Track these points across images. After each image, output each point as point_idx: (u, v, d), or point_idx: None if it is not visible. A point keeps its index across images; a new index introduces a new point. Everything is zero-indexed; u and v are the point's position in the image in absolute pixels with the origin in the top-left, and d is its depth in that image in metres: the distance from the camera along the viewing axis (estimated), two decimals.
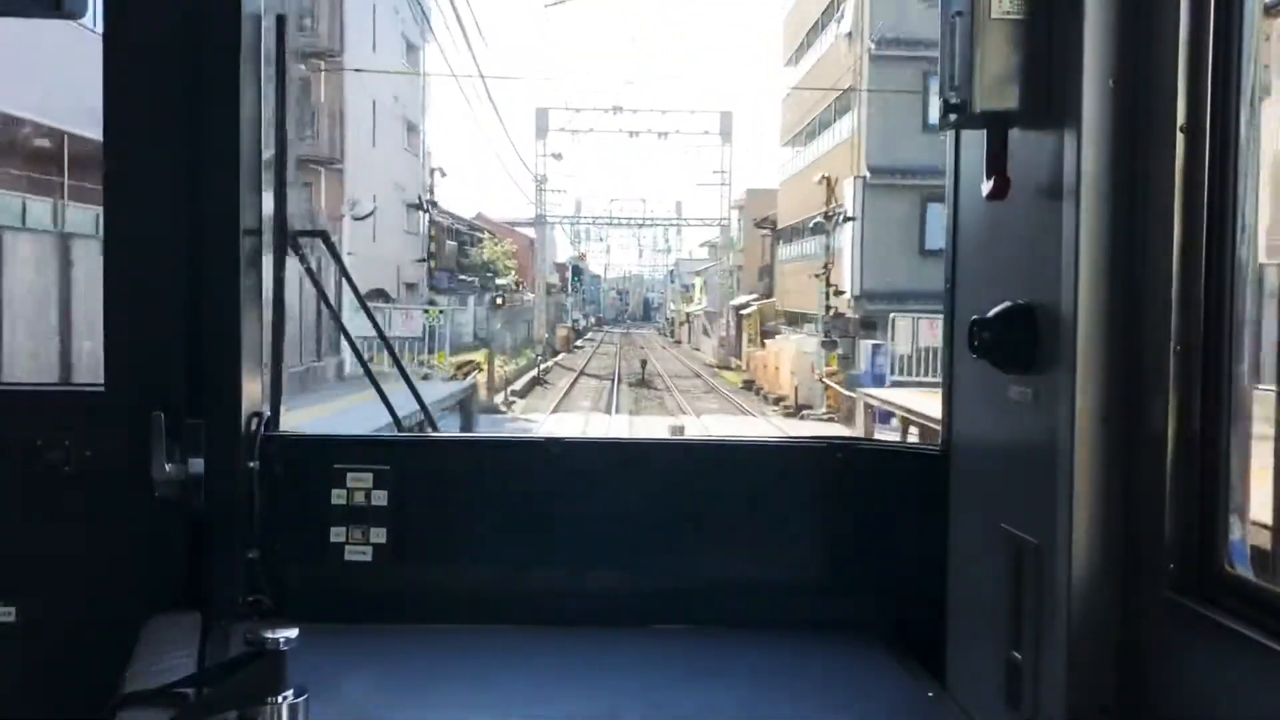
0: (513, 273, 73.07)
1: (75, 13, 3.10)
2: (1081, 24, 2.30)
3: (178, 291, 3.27)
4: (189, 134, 3.25)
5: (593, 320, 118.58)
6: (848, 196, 39.73)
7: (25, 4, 3.48)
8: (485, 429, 28.66)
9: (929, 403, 21.52)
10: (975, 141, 2.61)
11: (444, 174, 54.36)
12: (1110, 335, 2.32)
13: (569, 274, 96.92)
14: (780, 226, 56.61)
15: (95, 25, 3.34)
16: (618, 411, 40.63)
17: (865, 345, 35.28)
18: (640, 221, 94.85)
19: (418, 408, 4.19)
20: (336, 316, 4.58)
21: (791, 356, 41.08)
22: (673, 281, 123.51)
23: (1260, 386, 2.28)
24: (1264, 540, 2.28)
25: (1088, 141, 2.30)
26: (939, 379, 3.32)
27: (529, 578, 3.47)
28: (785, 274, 54.66)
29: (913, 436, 22.82)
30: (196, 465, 3.23)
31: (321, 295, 3.98)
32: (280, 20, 3.59)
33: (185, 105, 3.25)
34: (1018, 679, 2.53)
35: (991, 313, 2.56)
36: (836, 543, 3.48)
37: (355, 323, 5.28)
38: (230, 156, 3.28)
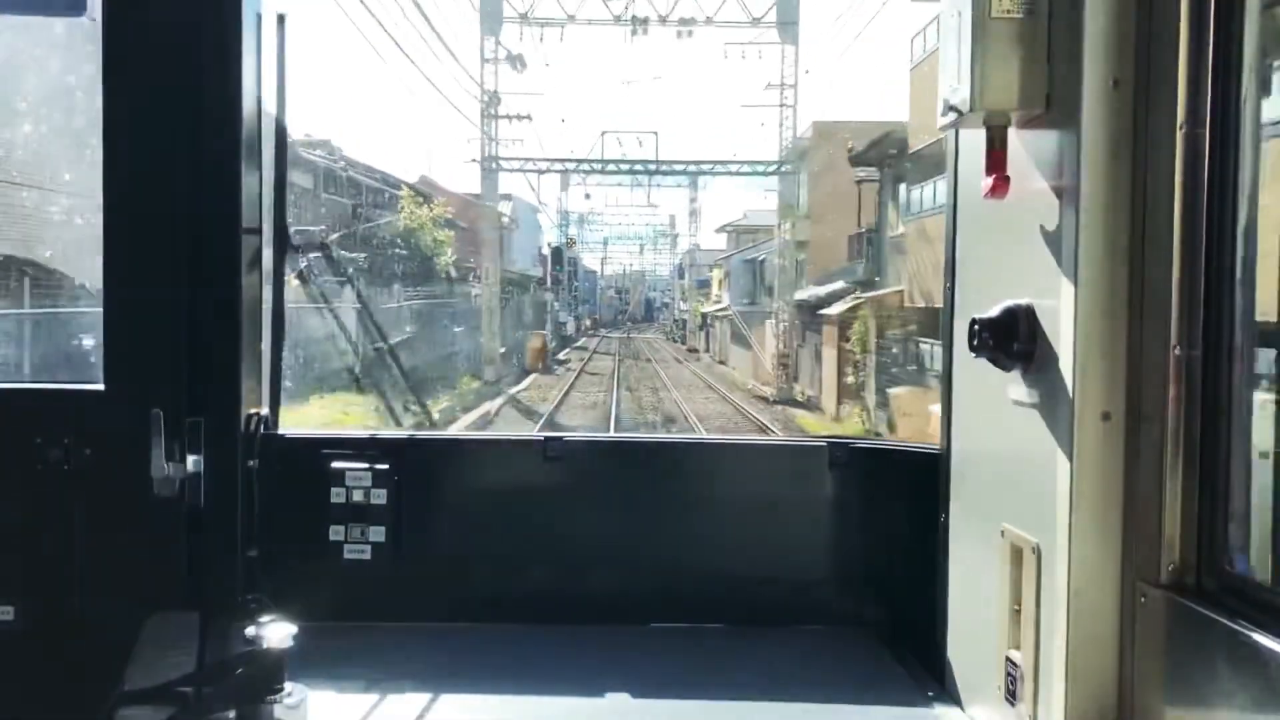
0: (449, 251, 44.21)
1: (74, 11, 3.11)
2: (1081, 24, 2.30)
3: (178, 291, 3.27)
4: (189, 134, 3.25)
5: (586, 323, 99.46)
6: None
7: (25, 2, 3.48)
8: None
9: None
10: (975, 141, 2.61)
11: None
12: (1110, 335, 2.32)
13: (549, 261, 70.11)
14: (914, 149, 31.30)
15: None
16: None
17: None
18: (651, 166, 53.06)
19: None
20: (336, 316, 4.55)
21: None
22: (682, 276, 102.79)
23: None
24: (1264, 540, 2.28)
25: (1088, 141, 2.30)
26: None
27: (528, 577, 3.47)
28: (932, 239, 28.78)
29: None
30: (196, 464, 3.23)
31: (321, 295, 3.97)
32: (280, 20, 3.59)
33: (185, 105, 3.25)
34: (1017, 678, 2.53)
35: (991, 312, 2.56)
36: (837, 542, 3.48)
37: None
38: (230, 157, 3.28)
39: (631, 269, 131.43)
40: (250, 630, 2.36)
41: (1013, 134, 2.51)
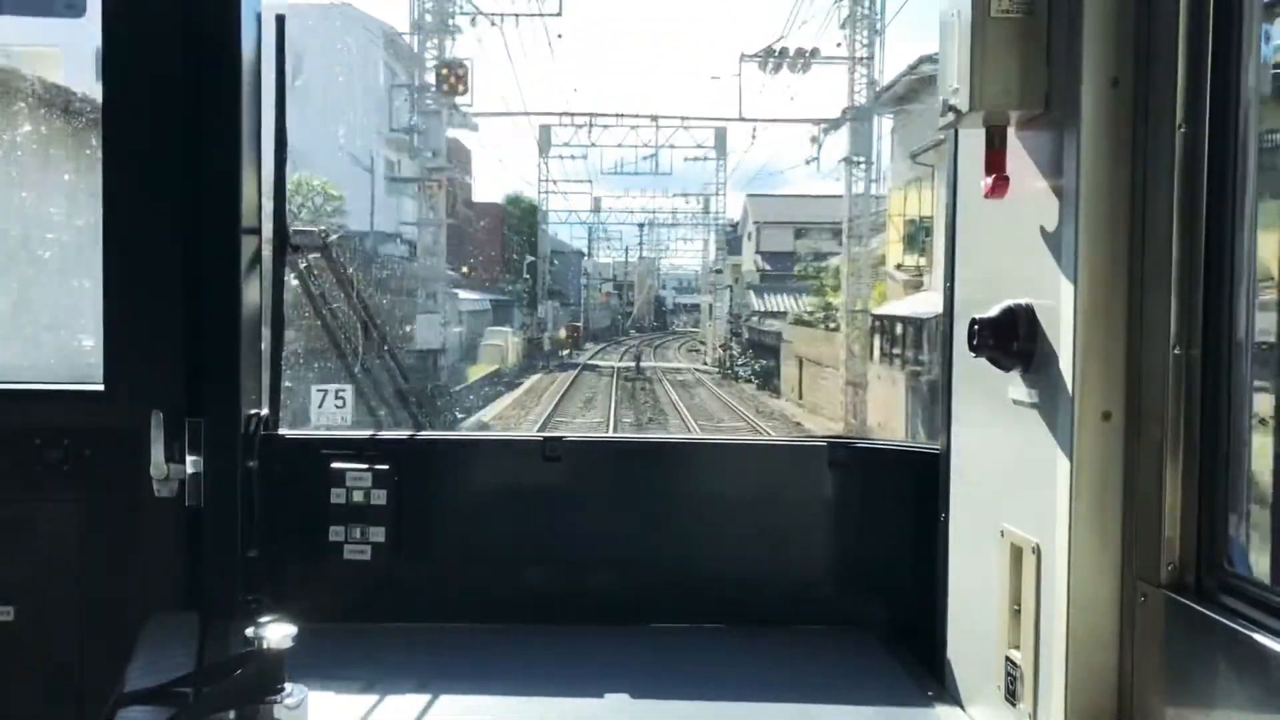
0: None
1: (74, 12, 3.10)
2: (1081, 24, 2.30)
3: (177, 292, 3.27)
4: (188, 133, 3.26)
5: (561, 335, 60.57)
6: None
7: (25, 3, 3.48)
8: None
9: None
10: (975, 141, 2.61)
11: None
12: (1110, 335, 2.32)
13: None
14: None
15: None
16: None
17: None
18: None
19: None
20: (335, 316, 4.55)
21: None
22: (736, 250, 58.93)
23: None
24: (1264, 540, 2.28)
25: (1087, 141, 2.30)
26: None
27: (528, 577, 3.48)
28: None
29: None
30: (195, 465, 3.23)
31: (320, 295, 3.97)
32: (280, 20, 3.59)
33: (185, 105, 3.25)
34: (1017, 678, 2.53)
35: (991, 312, 2.56)
36: (836, 541, 3.49)
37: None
38: (230, 156, 3.28)
39: (634, 248, 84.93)
40: (250, 630, 2.36)
41: (1012, 134, 2.51)
